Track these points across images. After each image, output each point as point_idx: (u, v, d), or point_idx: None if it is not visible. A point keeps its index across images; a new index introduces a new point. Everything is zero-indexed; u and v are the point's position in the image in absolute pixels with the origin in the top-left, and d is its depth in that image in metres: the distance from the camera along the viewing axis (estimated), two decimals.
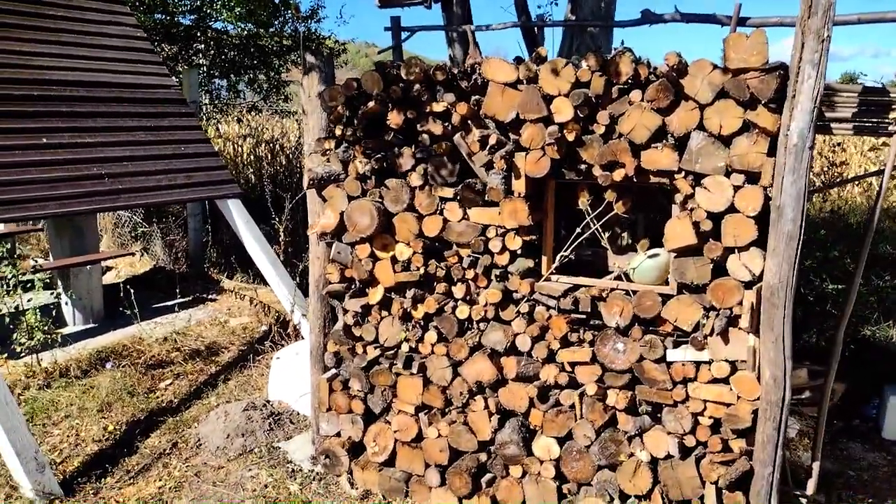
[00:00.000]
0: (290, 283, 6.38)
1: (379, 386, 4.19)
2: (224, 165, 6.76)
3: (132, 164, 5.86)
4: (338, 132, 3.97)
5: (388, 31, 4.72)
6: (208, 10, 10.46)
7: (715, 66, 3.18)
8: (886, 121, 3.40)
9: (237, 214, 6.54)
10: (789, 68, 3.04)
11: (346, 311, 4.23)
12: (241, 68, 11.53)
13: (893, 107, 3.38)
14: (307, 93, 4.17)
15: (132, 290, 6.42)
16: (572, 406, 3.73)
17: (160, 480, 4.35)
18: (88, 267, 6.85)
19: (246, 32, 11.11)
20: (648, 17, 3.98)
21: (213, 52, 11.48)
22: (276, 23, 11.09)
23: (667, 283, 3.61)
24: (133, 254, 8.72)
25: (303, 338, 6.05)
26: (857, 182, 8.81)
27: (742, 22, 3.66)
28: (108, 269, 8.78)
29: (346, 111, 3.92)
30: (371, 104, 3.77)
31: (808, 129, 2.99)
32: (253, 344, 6.43)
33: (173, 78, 7.12)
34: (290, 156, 13.02)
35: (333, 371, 4.37)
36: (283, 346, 6.06)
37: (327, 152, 4.07)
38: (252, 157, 13.37)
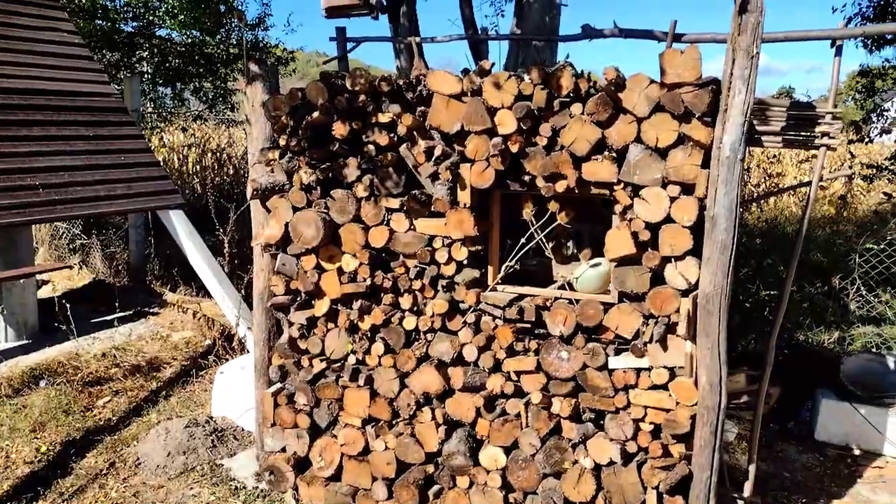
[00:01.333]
0: (235, 296, 6.26)
1: (325, 399, 4.14)
2: (166, 175, 6.60)
3: (69, 174, 5.67)
4: (282, 142, 3.93)
5: (333, 42, 4.71)
6: (152, 17, 10.23)
7: (652, 81, 3.27)
8: (813, 134, 3.56)
9: (180, 226, 6.39)
10: (721, 83, 3.15)
11: (291, 324, 4.17)
12: (186, 76, 11.29)
13: (819, 121, 3.55)
14: (251, 102, 4.12)
15: (69, 305, 6.19)
16: (518, 415, 3.76)
17: (96, 502, 4.19)
18: (22, 281, 6.58)
19: (191, 40, 10.90)
20: (589, 33, 4.08)
21: (156, 59, 11.22)
22: (222, 31, 10.92)
23: (608, 291, 3.69)
24: (71, 267, 8.41)
25: (248, 351, 5.95)
26: (791, 192, 9.16)
27: (678, 38, 3.78)
28: (45, 282, 8.45)
29: (291, 121, 3.88)
30: (316, 114, 3.75)
31: (739, 141, 3.10)
32: (196, 359, 6.27)
33: (114, 86, 6.93)
34: (238, 165, 12.82)
35: (278, 385, 4.30)
36: (227, 360, 5.94)
37: (272, 162, 4.02)
38: (198, 166, 13.11)
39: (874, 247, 5.63)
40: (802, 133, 3.58)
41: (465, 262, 3.77)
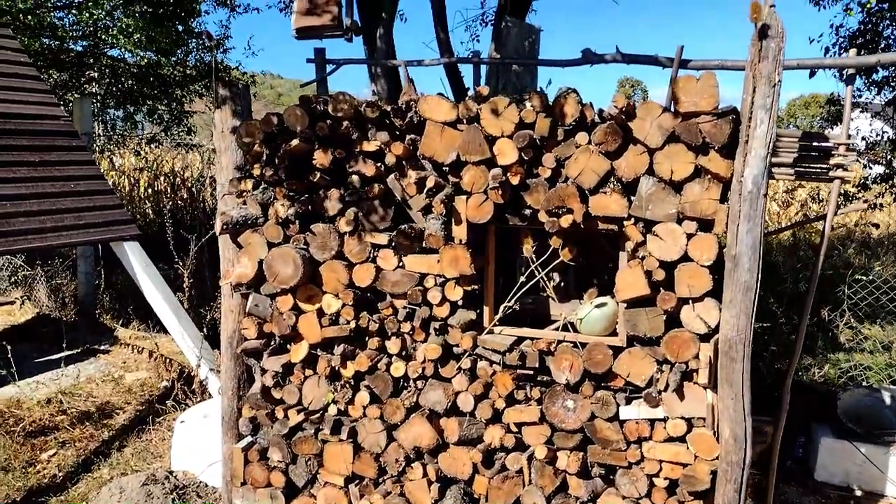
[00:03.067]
0: (196, 334, 5.79)
1: (303, 455, 3.74)
2: (121, 204, 6.12)
3: (12, 203, 5.16)
4: (256, 172, 3.57)
5: (311, 63, 4.38)
6: (103, 36, 9.70)
7: (665, 109, 3.05)
8: (827, 166, 3.38)
9: (135, 258, 5.90)
10: (741, 113, 2.94)
11: (264, 371, 3.78)
12: (139, 98, 10.76)
13: (832, 153, 3.37)
14: (220, 128, 3.75)
15: (9, 346, 5.62)
16: (520, 471, 3.44)
17: None
18: None
19: (145, 61, 10.40)
20: (589, 57, 3.87)
21: (108, 80, 10.66)
22: (178, 51, 10.45)
23: (614, 333, 3.42)
24: (12, 302, 7.78)
25: (210, 396, 5.48)
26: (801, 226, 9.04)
27: (684, 64, 3.59)
28: None
29: (266, 149, 3.53)
30: (295, 142, 3.41)
31: (762, 175, 2.88)
32: (152, 403, 5.76)
33: (62, 108, 6.43)
34: (193, 189, 12.28)
35: (249, 439, 3.88)
36: (187, 405, 5.46)
37: (244, 194, 3.65)
38: (150, 190, 12.53)
39: (863, 278, 5.55)
40: (815, 165, 3.39)
41: (460, 302, 3.45)
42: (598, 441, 3.31)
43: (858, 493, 4.76)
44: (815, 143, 3.39)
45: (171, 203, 11.89)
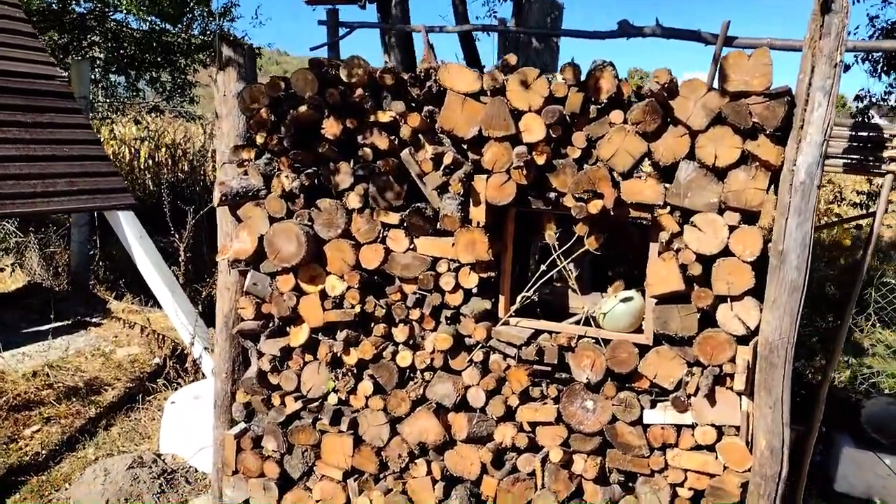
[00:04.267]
0: (191, 311, 5.53)
1: (299, 445, 3.51)
2: (116, 171, 5.84)
3: (1, 165, 4.89)
4: (259, 140, 3.30)
5: (322, 28, 4.08)
6: None
7: (710, 88, 2.77)
8: (880, 159, 3.11)
9: (129, 228, 5.63)
10: (796, 95, 2.67)
11: (261, 355, 3.53)
12: (142, 65, 10.42)
13: (887, 144, 3.10)
14: (222, 91, 3.47)
15: None
16: (532, 473, 3.20)
17: None
18: None
19: (150, 27, 10.06)
20: (626, 30, 3.58)
21: (110, 44, 10.32)
22: (184, 18, 10.11)
23: (638, 330, 3.17)
24: (2, 269, 7.53)
25: (204, 376, 5.24)
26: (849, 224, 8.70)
27: (728, 42, 3.32)
28: None
29: (271, 116, 3.25)
30: (303, 108, 3.13)
31: (816, 164, 2.62)
32: (143, 380, 5.52)
33: (59, 69, 6.13)
34: (194, 162, 11.99)
35: (243, 426, 3.64)
36: (179, 385, 5.22)
37: (245, 163, 3.38)
38: (151, 162, 12.23)
39: (892, 281, 5.30)
40: (867, 158, 3.12)
41: (475, 290, 3.19)
42: (618, 446, 3.07)
43: None
44: (867, 134, 3.12)
45: (171, 175, 11.61)
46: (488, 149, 3.02)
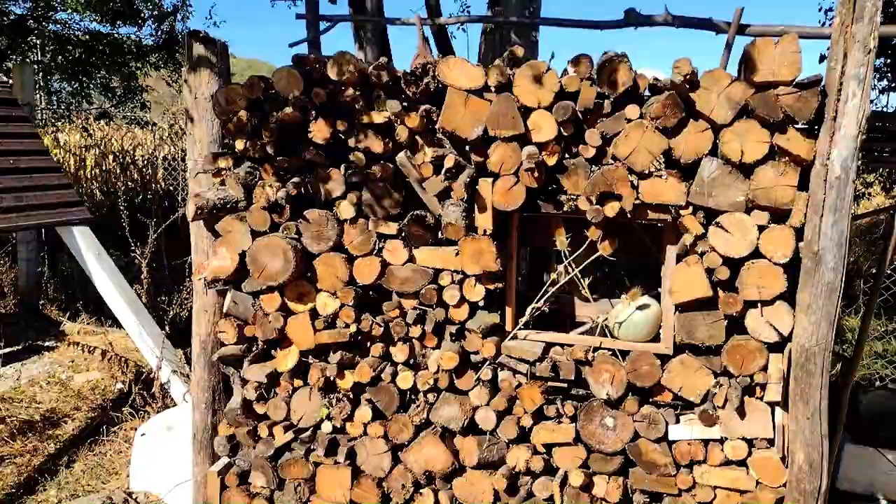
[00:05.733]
0: (157, 332, 5.14)
1: (291, 480, 3.20)
2: (68, 184, 5.39)
3: None
4: (239, 146, 2.98)
5: (301, 20, 3.77)
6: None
7: (734, 79, 2.58)
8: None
9: (85, 245, 5.20)
10: (827, 85, 2.50)
11: (245, 382, 3.22)
12: (89, 69, 9.84)
13: None
14: (194, 93, 3.14)
15: None
16: (550, 498, 2.97)
17: None
18: None
19: (96, 26, 9.51)
20: (634, 19, 3.38)
21: (53, 48, 9.72)
22: (134, 18, 9.58)
23: (655, 339, 2.97)
24: None
25: (173, 402, 4.86)
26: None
27: (741, 30, 3.15)
28: None
29: (252, 119, 2.94)
30: (288, 110, 2.83)
31: (852, 158, 2.45)
32: (106, 410, 5.10)
33: (0, 74, 5.65)
34: (143, 171, 11.46)
35: (226, 461, 3.32)
36: (147, 413, 4.83)
37: (223, 172, 3.06)
38: (98, 170, 11.66)
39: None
40: (884, 149, 2.99)
41: (481, 303, 2.95)
42: (642, 465, 2.86)
43: (884, 502, 4.46)
44: (885, 125, 2.98)
45: (120, 184, 11.05)
46: (495, 150, 2.78)
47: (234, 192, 3.04)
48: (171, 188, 9.67)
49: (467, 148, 2.85)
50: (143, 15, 9.66)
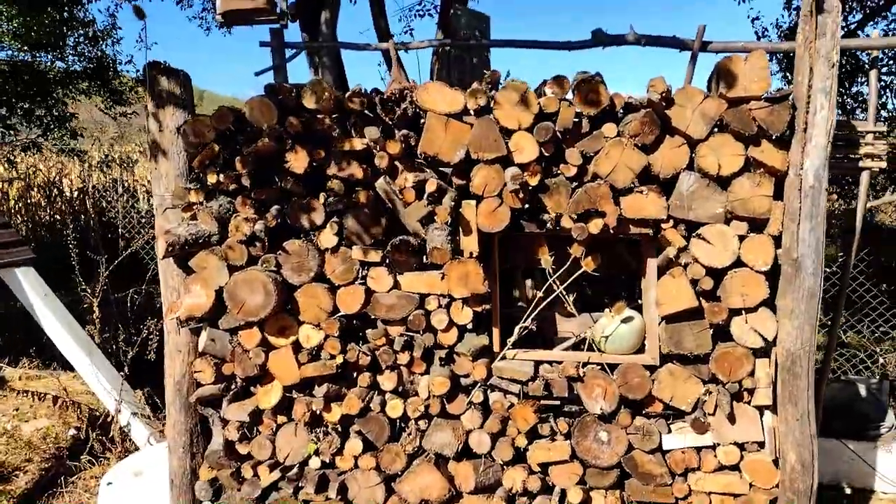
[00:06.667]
0: (113, 373, 4.89)
1: None
2: (8, 222, 5.09)
3: None
4: (211, 179, 2.88)
5: (265, 48, 3.67)
6: None
7: (706, 95, 2.67)
8: (856, 156, 3.13)
9: (29, 286, 4.91)
10: (796, 98, 2.61)
11: (225, 422, 3.09)
12: (13, 99, 9.33)
13: (860, 141, 3.13)
14: (159, 126, 3.01)
15: None
16: None
17: None
18: None
19: (17, 58, 9.04)
20: (601, 39, 3.44)
21: None
22: (60, 44, 9.15)
23: (640, 350, 3.02)
24: None
25: (136, 448, 4.63)
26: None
27: (704, 46, 3.25)
28: None
29: (223, 152, 2.85)
30: (264, 141, 2.76)
31: (823, 167, 2.57)
32: (62, 458, 4.80)
33: None
34: (73, 202, 10.97)
35: None
36: (107, 459, 4.58)
37: (195, 207, 2.95)
38: (22, 203, 11.11)
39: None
40: (846, 155, 3.14)
41: (469, 326, 2.93)
42: (638, 477, 2.89)
43: (848, 490, 4.65)
44: (840, 133, 3.13)
45: (47, 218, 10.56)
46: (477, 172, 2.77)
47: (206, 226, 2.93)
48: (105, 219, 9.28)
49: (448, 171, 2.84)
50: (66, 41, 9.23)
